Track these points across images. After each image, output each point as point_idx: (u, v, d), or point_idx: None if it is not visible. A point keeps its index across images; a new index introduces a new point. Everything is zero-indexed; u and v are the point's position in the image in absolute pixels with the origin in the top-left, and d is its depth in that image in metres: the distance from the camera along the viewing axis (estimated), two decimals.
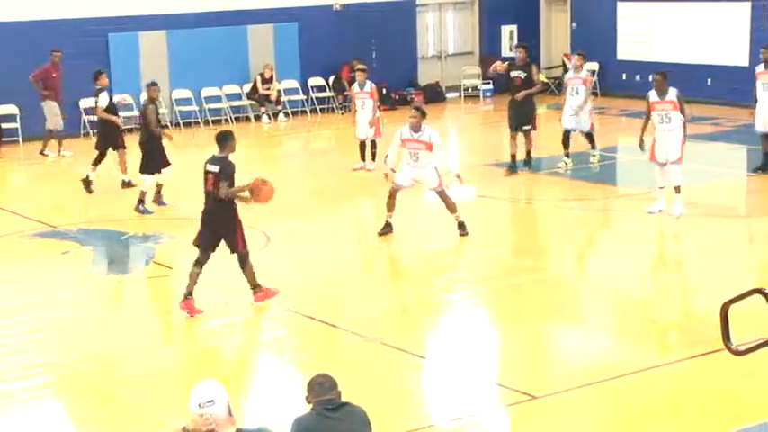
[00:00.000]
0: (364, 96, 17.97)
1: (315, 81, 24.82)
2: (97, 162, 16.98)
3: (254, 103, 24.01)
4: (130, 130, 19.67)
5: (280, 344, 10.28)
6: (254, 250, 13.18)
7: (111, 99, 17.05)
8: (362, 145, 18.01)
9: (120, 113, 17.64)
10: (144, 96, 16.43)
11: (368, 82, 18.05)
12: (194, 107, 23.37)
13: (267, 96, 23.91)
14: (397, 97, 25.26)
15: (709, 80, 23.32)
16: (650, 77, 14.49)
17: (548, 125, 19.60)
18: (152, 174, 15.51)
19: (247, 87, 24.07)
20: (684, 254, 13.16)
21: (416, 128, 13.35)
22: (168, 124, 22.99)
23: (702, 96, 23.11)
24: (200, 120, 23.40)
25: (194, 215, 15.22)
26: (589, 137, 17.66)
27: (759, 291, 6.71)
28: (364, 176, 17.28)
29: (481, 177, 17.36)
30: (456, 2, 27.32)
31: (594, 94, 25.56)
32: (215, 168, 10.62)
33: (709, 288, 10.82)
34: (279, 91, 24.13)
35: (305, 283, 12.07)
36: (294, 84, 24.50)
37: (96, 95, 16.95)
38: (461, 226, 13.55)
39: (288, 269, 12.60)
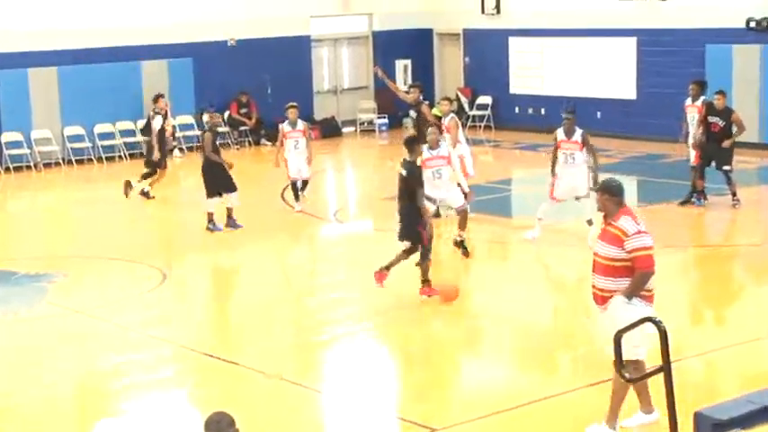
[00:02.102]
0: (297, 135, 16.98)
1: None
2: (147, 176, 18.39)
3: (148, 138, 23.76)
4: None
5: (177, 382, 10.13)
6: (150, 287, 13.05)
7: (163, 124, 18.35)
8: (295, 186, 17.11)
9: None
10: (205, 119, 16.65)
11: (299, 120, 17.21)
12: (87, 144, 23.02)
13: None
14: None
15: (598, 113, 23.85)
16: (563, 115, 14.64)
17: None
18: (211, 197, 15.65)
19: (141, 123, 23.82)
20: (581, 285, 13.34)
21: (435, 144, 13.48)
22: (61, 161, 22.65)
23: (593, 128, 23.52)
24: (92, 157, 23.06)
25: (83, 253, 15.08)
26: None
27: (650, 319, 6.87)
28: (261, 213, 17.15)
29: (379, 211, 17.43)
30: (350, 37, 27.50)
31: (489, 127, 26.04)
32: (404, 172, 11.95)
33: None
34: (174, 126, 23.92)
35: (202, 320, 11.94)
36: (189, 119, 24.33)
37: (152, 118, 18.36)
38: (461, 244, 13.83)
39: (184, 306, 12.46)
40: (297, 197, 17.10)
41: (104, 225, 17.29)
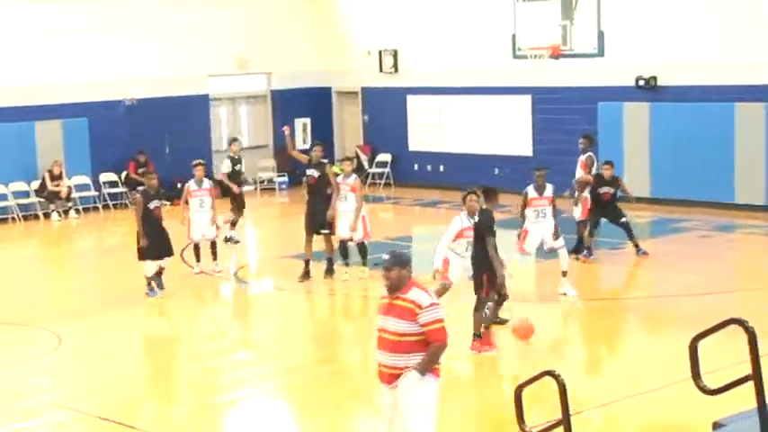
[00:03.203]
0: (203, 194, 16.68)
1: (106, 176, 24.39)
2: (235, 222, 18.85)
3: (42, 200, 23.36)
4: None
5: None
6: (45, 351, 12.75)
7: (233, 166, 18.91)
8: (197, 247, 16.77)
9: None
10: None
11: (206, 179, 16.99)
12: None
13: (56, 193, 23.32)
14: None
15: (496, 169, 24.20)
16: (533, 173, 14.88)
17: None
18: (143, 260, 15.10)
19: (35, 184, 23.42)
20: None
21: (473, 214, 12.62)
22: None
23: (490, 185, 23.93)
24: None
25: None
26: (361, 248, 16.06)
27: (549, 373, 6.95)
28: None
29: (279, 270, 17.36)
30: (249, 96, 27.52)
31: (388, 184, 26.23)
32: (478, 219, 12.07)
33: (508, 372, 11.07)
34: (69, 187, 23.58)
35: (98, 383, 11.69)
36: (85, 180, 24.00)
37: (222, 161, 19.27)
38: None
39: (80, 369, 12.18)
40: (198, 258, 16.84)
41: None
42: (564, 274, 14.61)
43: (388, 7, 26.36)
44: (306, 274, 15.97)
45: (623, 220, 17.01)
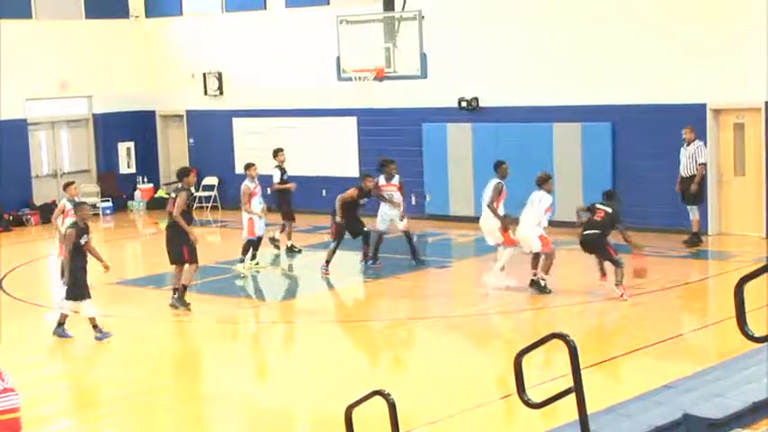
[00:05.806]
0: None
1: None
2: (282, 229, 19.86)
3: None
4: None
5: None
6: None
7: (282, 175, 19.89)
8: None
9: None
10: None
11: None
12: None
13: None
14: (11, 218, 24.34)
15: (324, 191, 24.29)
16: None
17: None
18: (67, 300, 14.14)
19: None
20: (312, 361, 13.42)
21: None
22: None
23: (319, 207, 24.00)
24: None
25: None
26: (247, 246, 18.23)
27: (379, 393, 7.02)
28: None
29: (109, 296, 16.98)
30: (70, 120, 26.83)
31: (216, 208, 25.99)
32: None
33: (335, 393, 11.10)
34: None
35: None
36: None
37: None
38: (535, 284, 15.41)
39: None
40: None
41: None
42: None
43: (211, 29, 26.19)
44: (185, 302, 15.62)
45: (365, 229, 17.59)
